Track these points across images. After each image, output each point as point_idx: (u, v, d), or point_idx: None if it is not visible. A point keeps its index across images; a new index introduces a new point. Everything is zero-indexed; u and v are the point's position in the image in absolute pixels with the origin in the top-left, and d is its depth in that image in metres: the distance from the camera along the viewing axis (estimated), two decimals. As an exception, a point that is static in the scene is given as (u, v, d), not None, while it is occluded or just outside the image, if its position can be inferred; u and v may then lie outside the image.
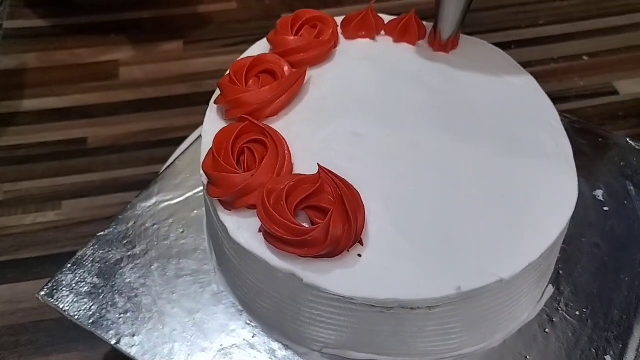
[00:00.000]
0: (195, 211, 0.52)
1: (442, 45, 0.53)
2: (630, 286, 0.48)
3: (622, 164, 0.57)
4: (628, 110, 0.78)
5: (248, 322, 0.46)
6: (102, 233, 0.52)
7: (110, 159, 0.72)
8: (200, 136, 0.48)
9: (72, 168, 0.71)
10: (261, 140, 0.44)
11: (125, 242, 0.51)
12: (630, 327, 0.46)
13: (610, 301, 0.47)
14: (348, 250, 0.40)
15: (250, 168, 0.43)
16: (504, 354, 0.44)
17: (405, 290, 0.39)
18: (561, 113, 0.52)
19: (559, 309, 0.47)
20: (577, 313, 0.47)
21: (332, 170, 0.41)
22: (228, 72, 0.49)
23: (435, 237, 0.41)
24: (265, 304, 0.44)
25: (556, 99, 0.78)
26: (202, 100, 0.52)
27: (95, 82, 0.81)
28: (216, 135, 0.44)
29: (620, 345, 0.45)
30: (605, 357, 0.44)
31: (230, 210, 0.42)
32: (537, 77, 0.79)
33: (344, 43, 0.55)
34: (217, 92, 0.49)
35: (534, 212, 0.43)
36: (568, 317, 0.46)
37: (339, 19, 0.56)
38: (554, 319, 0.46)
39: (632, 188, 0.55)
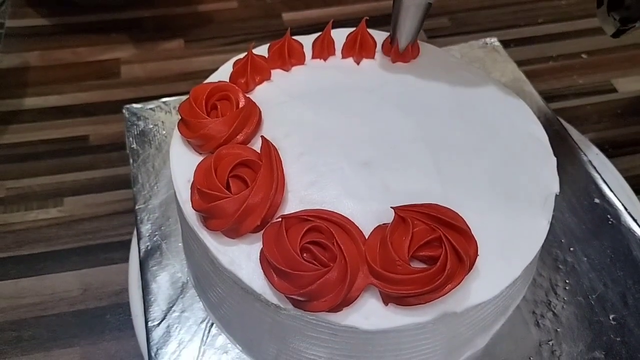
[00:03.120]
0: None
1: (399, 54, 0.53)
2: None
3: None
4: (626, 108, 0.79)
5: None
6: None
7: (111, 156, 0.72)
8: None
9: (74, 165, 0.71)
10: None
11: None
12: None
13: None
14: None
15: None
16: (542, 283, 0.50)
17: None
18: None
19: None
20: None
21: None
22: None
23: None
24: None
25: (555, 96, 0.79)
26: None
27: (97, 80, 0.82)
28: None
29: None
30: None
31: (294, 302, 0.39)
32: (536, 75, 0.80)
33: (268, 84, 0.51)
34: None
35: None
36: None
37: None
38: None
39: None
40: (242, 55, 0.51)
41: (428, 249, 0.39)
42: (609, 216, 0.54)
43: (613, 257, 0.52)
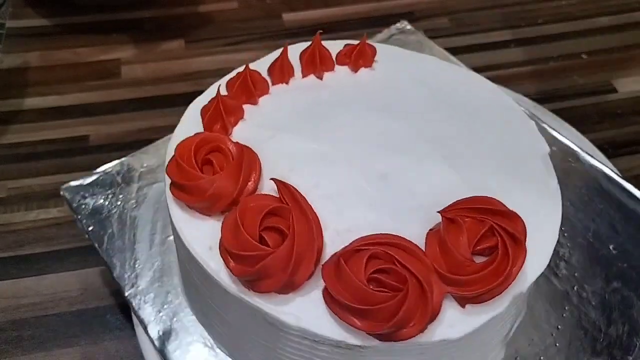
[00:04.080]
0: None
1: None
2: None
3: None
4: (627, 108, 0.79)
5: None
6: None
7: (111, 156, 0.72)
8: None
9: (74, 165, 0.71)
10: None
11: None
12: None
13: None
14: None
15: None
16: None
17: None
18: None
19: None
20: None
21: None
22: None
23: None
24: None
25: (555, 97, 0.79)
26: (203, 97, 0.52)
27: (97, 81, 0.82)
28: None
29: None
30: None
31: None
32: (537, 75, 0.80)
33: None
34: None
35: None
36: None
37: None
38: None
39: None
40: (206, 102, 0.49)
41: (484, 240, 0.39)
42: (569, 159, 0.56)
43: (589, 194, 0.54)
